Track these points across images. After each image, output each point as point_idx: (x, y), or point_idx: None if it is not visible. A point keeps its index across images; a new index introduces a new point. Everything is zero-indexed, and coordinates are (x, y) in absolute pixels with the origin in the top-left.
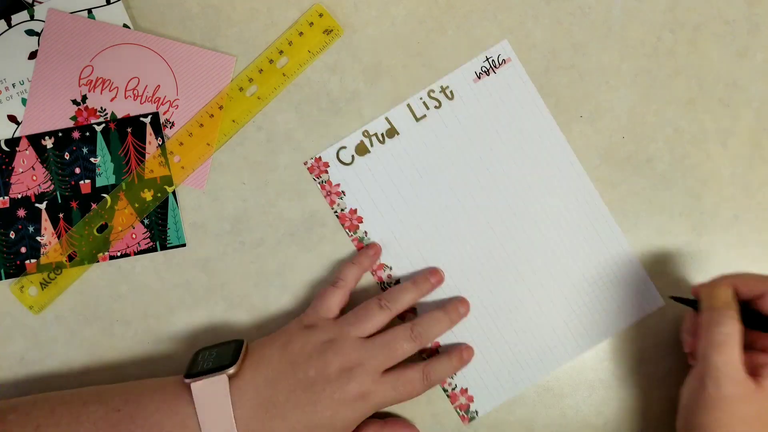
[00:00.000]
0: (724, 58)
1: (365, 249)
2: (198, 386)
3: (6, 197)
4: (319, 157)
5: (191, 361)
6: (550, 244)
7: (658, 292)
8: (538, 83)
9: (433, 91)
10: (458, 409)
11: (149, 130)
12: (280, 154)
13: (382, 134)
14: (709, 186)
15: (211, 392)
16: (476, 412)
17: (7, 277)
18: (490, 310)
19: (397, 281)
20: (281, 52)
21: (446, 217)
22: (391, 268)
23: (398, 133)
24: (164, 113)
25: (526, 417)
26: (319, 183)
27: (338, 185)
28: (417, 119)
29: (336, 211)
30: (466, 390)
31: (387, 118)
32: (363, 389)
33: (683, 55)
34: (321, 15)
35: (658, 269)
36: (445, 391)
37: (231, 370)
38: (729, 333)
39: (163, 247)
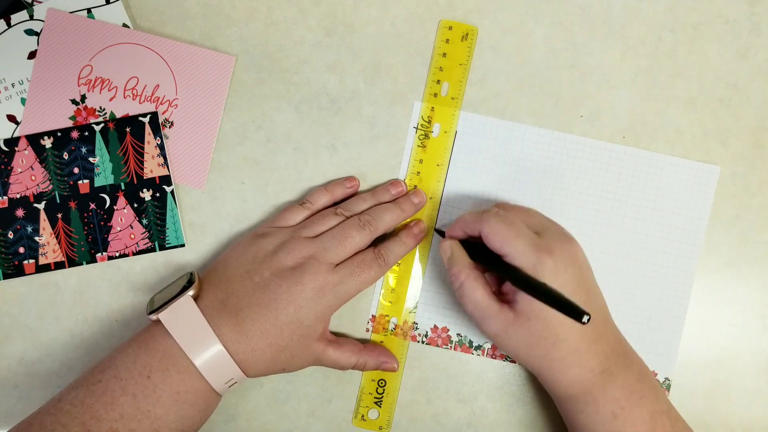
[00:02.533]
0: (724, 58)
1: (341, 179)
2: (166, 314)
3: (4, 197)
4: None
5: (149, 305)
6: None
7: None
8: (538, 83)
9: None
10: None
11: (148, 129)
12: (280, 154)
13: None
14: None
15: (181, 315)
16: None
17: (5, 278)
18: None
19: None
20: (438, 81)
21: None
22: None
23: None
24: (163, 113)
25: (526, 417)
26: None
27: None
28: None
29: None
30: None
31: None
32: (318, 281)
33: (684, 54)
34: (450, 28)
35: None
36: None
37: (191, 291)
38: (464, 283)
39: (162, 248)
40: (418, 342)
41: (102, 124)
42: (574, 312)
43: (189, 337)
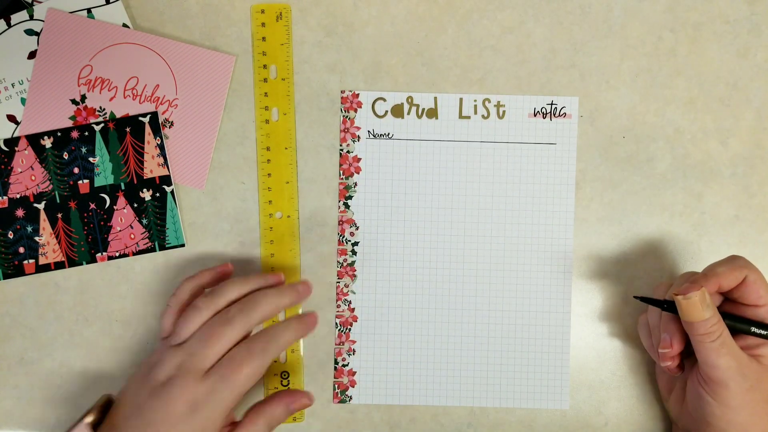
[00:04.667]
0: (724, 58)
1: (211, 269)
2: None
3: (4, 197)
4: (357, 94)
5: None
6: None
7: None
8: (538, 83)
9: (489, 100)
10: (335, 386)
11: (148, 129)
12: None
13: (423, 109)
14: (709, 186)
15: None
16: (350, 397)
17: (5, 278)
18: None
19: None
20: (264, 66)
21: (433, 221)
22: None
23: (437, 118)
24: (163, 113)
25: (526, 417)
26: (342, 116)
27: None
28: (461, 116)
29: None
30: (355, 373)
31: (435, 98)
32: (188, 394)
33: (684, 54)
34: (263, 11)
35: (658, 269)
36: (336, 363)
37: (89, 418)
38: (720, 336)
39: (162, 248)
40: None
41: (102, 124)
42: None
43: None
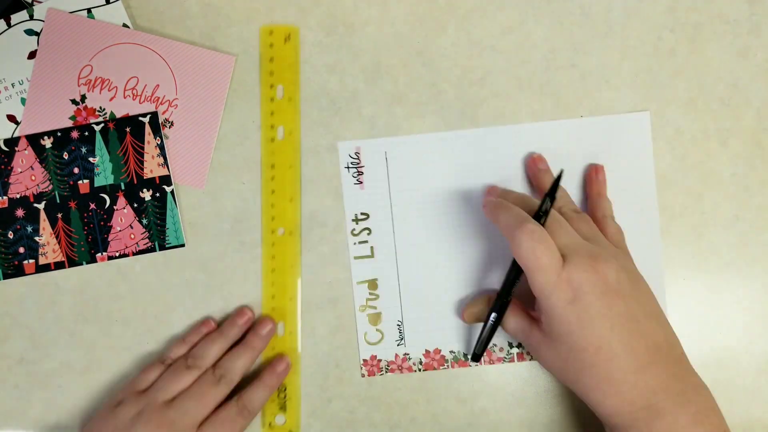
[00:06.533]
0: (724, 58)
1: (198, 325)
2: None
3: (4, 197)
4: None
5: None
6: None
7: None
8: (538, 83)
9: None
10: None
11: (148, 129)
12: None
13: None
14: (709, 186)
15: None
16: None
17: (5, 278)
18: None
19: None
20: (272, 86)
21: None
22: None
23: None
24: (163, 113)
25: (526, 417)
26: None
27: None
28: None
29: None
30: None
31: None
32: None
33: (684, 54)
34: (271, 32)
35: (658, 269)
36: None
37: None
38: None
39: (162, 248)
40: (415, 371)
41: (102, 124)
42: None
43: None
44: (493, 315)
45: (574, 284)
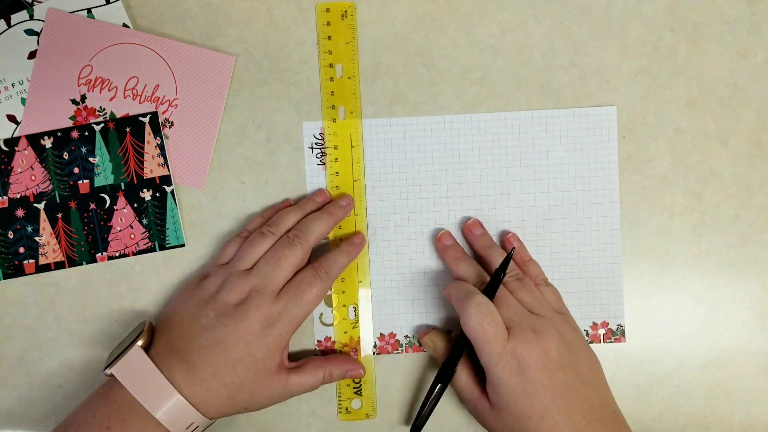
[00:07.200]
0: (724, 58)
1: (276, 205)
2: (118, 368)
3: (4, 197)
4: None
5: (106, 360)
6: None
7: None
8: (538, 83)
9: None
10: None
11: (148, 129)
12: (280, 154)
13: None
14: (709, 186)
15: (132, 367)
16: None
17: (5, 278)
18: None
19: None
20: (331, 65)
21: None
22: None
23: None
24: (163, 113)
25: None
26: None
27: None
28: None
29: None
30: None
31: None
32: (263, 313)
33: (684, 54)
34: (328, 10)
35: (658, 269)
36: None
37: (140, 342)
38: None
39: (162, 248)
40: (371, 353)
41: (102, 124)
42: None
43: (143, 388)
44: (439, 386)
45: (518, 357)
